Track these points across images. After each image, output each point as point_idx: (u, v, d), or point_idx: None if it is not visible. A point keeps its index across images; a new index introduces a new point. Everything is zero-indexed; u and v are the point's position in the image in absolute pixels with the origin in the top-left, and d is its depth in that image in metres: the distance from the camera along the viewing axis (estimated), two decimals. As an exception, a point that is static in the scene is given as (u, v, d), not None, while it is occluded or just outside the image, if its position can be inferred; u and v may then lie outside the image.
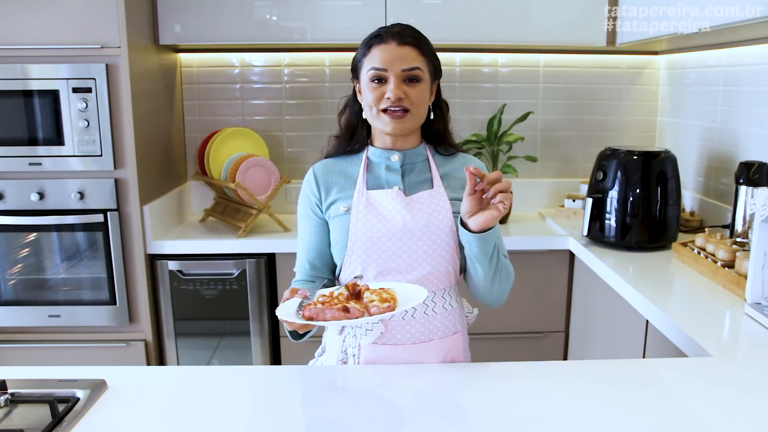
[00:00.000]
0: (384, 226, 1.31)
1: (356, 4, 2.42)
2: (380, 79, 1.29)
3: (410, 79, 1.29)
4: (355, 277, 1.28)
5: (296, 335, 1.25)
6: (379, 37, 1.32)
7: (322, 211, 1.38)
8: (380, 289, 1.15)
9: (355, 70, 1.36)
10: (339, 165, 1.40)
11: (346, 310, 1.07)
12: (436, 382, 1.20)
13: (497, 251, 1.28)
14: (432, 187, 1.36)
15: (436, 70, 1.36)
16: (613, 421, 1.04)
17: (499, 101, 2.75)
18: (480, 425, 1.04)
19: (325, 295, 1.14)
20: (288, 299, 1.17)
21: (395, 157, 1.36)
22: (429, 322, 1.33)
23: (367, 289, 1.16)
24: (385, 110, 1.30)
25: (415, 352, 1.32)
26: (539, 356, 2.46)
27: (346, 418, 1.07)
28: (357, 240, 1.32)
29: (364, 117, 1.37)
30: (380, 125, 1.32)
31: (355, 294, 1.14)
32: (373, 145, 1.39)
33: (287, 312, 1.10)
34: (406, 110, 1.29)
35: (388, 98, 1.28)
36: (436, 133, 1.41)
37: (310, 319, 1.08)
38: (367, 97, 1.32)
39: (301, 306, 1.11)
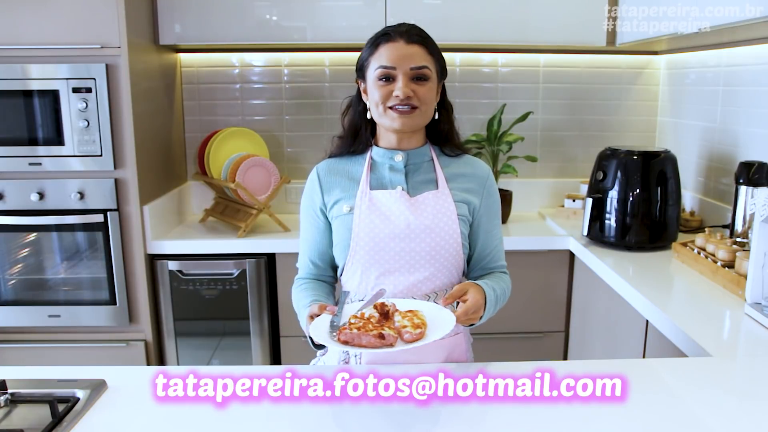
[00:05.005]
0: (387, 227, 1.31)
1: (356, 4, 2.41)
2: (388, 78, 1.28)
3: (418, 77, 1.28)
4: (381, 290, 1.28)
5: (320, 345, 1.27)
6: (386, 35, 1.30)
7: (324, 214, 1.38)
8: (409, 311, 1.16)
9: (361, 69, 1.35)
10: (343, 165, 1.40)
11: (381, 336, 1.08)
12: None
13: (494, 306, 1.30)
14: (437, 188, 1.35)
15: (442, 70, 1.36)
16: (613, 421, 1.04)
17: (499, 101, 2.75)
18: (479, 425, 1.04)
19: (356, 317, 1.15)
20: (315, 314, 1.19)
21: (399, 157, 1.36)
22: None
23: (396, 310, 1.17)
24: (392, 107, 1.29)
25: (417, 352, 1.32)
26: (539, 356, 2.46)
27: (347, 417, 1.07)
28: (360, 240, 1.32)
29: (368, 117, 1.36)
30: (387, 122, 1.31)
31: (384, 314, 1.16)
32: (377, 145, 1.39)
33: (322, 334, 1.12)
34: (414, 107, 1.28)
35: (397, 96, 1.27)
36: (442, 134, 1.40)
37: (346, 343, 1.09)
38: (374, 95, 1.30)
39: (332, 326, 1.13)
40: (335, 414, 1.08)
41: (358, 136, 1.39)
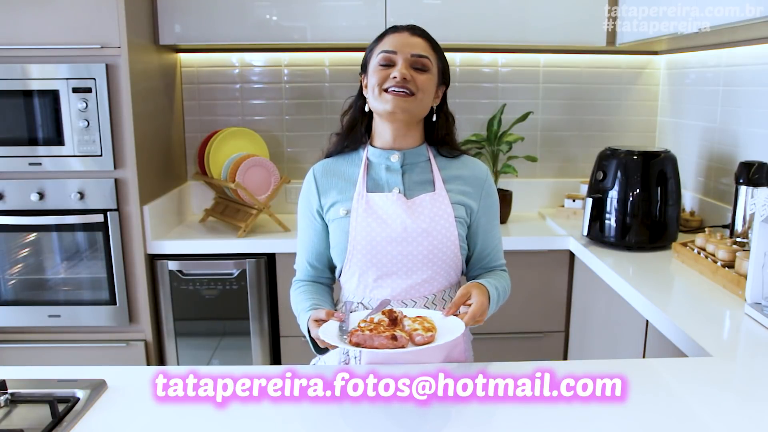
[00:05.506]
0: (384, 230, 1.31)
1: (356, 4, 2.41)
2: (389, 63, 1.29)
3: (419, 67, 1.29)
4: (385, 299, 1.29)
5: (321, 349, 1.29)
6: (392, 28, 1.34)
7: (321, 215, 1.38)
8: (419, 317, 1.18)
9: (365, 64, 1.36)
10: (339, 166, 1.39)
11: (393, 338, 1.09)
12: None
13: (496, 303, 1.31)
14: (434, 190, 1.35)
15: (444, 73, 1.36)
16: (613, 421, 1.04)
17: (499, 101, 2.75)
18: (479, 425, 1.04)
19: (366, 321, 1.16)
20: (320, 318, 1.20)
21: (395, 157, 1.35)
22: None
23: (405, 316, 1.18)
24: (387, 90, 1.28)
25: (417, 353, 1.32)
26: (539, 356, 2.46)
27: (347, 417, 1.07)
28: (357, 244, 1.31)
29: (366, 110, 1.36)
30: (381, 104, 1.29)
31: (393, 320, 1.16)
32: (372, 146, 1.38)
33: (332, 337, 1.13)
34: (411, 93, 1.28)
35: (394, 77, 1.27)
36: (439, 137, 1.40)
37: (358, 345, 1.10)
38: (372, 80, 1.30)
39: (341, 330, 1.14)
40: (335, 414, 1.07)
41: (353, 131, 1.39)
